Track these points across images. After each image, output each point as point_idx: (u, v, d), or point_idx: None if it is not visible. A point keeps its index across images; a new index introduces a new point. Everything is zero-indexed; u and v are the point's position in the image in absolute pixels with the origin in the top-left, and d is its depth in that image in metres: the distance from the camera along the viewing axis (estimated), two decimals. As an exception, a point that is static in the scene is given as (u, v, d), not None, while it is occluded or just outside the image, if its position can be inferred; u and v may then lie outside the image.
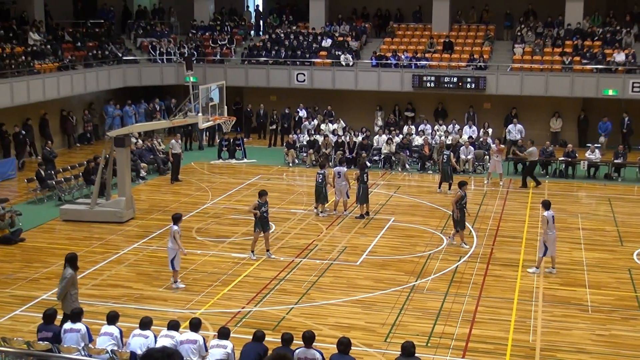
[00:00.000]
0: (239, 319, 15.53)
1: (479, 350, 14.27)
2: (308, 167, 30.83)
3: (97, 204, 22.92)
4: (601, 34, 36.31)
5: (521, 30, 37.32)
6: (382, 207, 24.63)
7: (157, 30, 40.08)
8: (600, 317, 15.89)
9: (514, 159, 30.01)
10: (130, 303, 16.38)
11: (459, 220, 20.31)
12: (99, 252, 19.91)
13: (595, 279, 18.16)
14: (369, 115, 36.18)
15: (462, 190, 20.40)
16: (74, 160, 30.41)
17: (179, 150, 28.47)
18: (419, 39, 38.48)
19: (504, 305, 16.47)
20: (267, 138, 36.22)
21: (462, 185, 20.53)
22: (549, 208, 18.48)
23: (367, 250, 20.19)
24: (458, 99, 35.33)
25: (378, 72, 35.84)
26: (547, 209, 18.44)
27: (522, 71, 34.63)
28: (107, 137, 23.78)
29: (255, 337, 12.06)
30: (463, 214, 20.43)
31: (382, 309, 16.12)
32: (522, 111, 34.58)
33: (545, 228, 18.23)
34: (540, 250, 18.47)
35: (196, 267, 18.67)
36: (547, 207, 18.49)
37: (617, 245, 20.99)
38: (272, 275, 18.11)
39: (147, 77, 37.55)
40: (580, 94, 34.11)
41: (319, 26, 39.71)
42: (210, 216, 23.50)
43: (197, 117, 23.01)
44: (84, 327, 12.31)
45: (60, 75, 32.72)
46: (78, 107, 35.25)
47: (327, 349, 12.35)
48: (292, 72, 36.67)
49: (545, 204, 18.62)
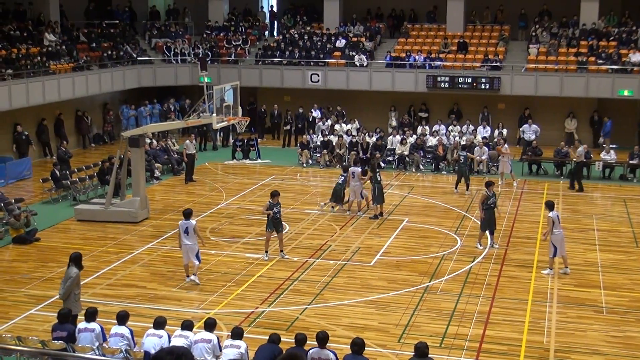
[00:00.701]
0: (253, 319, 15.55)
1: (492, 351, 14.23)
2: (322, 167, 30.83)
3: (111, 204, 23.01)
4: (617, 34, 36.11)
5: (536, 31, 37.19)
6: (396, 208, 24.60)
7: (171, 30, 40.21)
8: (615, 318, 15.81)
9: (528, 159, 29.92)
10: (145, 303, 16.43)
11: (485, 221, 20.14)
12: (113, 252, 19.99)
13: (610, 280, 18.07)
14: (382, 115, 36.15)
15: (489, 190, 20.16)
16: (88, 160, 30.56)
17: (193, 150, 28.54)
18: (433, 39, 38.41)
19: (518, 306, 16.41)
20: (281, 138, 36.25)
21: (489, 185, 20.26)
22: (553, 209, 18.40)
23: (381, 250, 20.18)
24: (472, 99, 35.23)
25: (392, 72, 35.80)
26: (551, 210, 18.37)
27: (537, 71, 34.50)
28: (122, 137, 23.83)
29: (270, 339, 12.07)
30: (491, 214, 20.19)
31: (395, 310, 16.10)
32: (536, 112, 34.45)
33: (551, 228, 18.13)
34: (550, 252, 18.39)
35: (210, 267, 18.70)
36: (551, 208, 18.42)
37: (632, 246, 20.88)
38: (285, 276, 18.12)
39: (162, 78, 37.67)
40: (595, 94, 33.94)
41: (333, 27, 39.72)
42: (225, 216, 23.54)
43: (211, 117, 23.06)
44: (98, 327, 12.36)
45: (76, 75, 32.89)
46: (93, 107, 35.42)
47: (341, 349, 12.34)
48: (306, 72, 36.69)
49: (549, 204, 18.58)
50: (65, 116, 33.17)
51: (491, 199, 20.11)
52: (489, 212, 20.10)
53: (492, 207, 20.13)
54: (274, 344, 11.96)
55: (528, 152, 30.30)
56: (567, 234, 21.75)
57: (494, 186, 20.75)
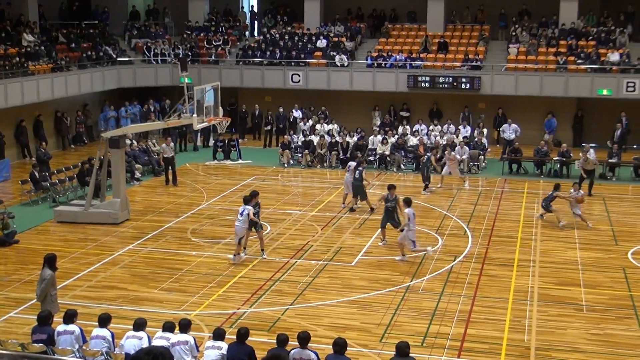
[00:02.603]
0: (234, 320, 15.51)
1: (474, 350, 14.27)
2: (303, 167, 30.82)
3: (91, 206, 22.88)
4: (595, 33, 36.37)
5: (516, 30, 37.38)
6: (377, 208, 24.61)
7: (151, 31, 40.05)
8: (595, 316, 15.91)
9: (509, 159, 30.07)
10: (126, 305, 16.35)
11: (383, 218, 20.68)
12: (94, 253, 19.87)
13: (590, 278, 18.18)
14: (364, 115, 36.18)
15: (390, 194, 20.53)
16: (68, 161, 30.38)
17: (171, 153, 28.16)
18: (413, 39, 38.50)
19: (499, 304, 16.47)
20: (262, 139, 36.22)
21: (390, 189, 20.74)
22: (409, 205, 19.06)
23: (363, 250, 20.19)
24: (453, 99, 35.35)
25: (373, 72, 35.86)
26: (408, 206, 19.03)
27: (517, 71, 34.67)
28: (101, 138, 23.70)
29: (239, 334, 12.04)
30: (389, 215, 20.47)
31: (377, 309, 16.11)
32: (516, 111, 34.59)
33: (407, 223, 18.85)
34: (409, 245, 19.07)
35: (191, 269, 18.64)
36: (409, 204, 19.10)
37: (611, 244, 21.01)
38: (267, 276, 18.09)
39: (142, 78, 37.52)
40: (574, 93, 34.16)
41: (313, 27, 39.73)
42: (206, 217, 23.48)
43: (191, 118, 22.97)
44: (77, 329, 12.27)
45: (55, 76, 32.68)
46: (72, 108, 35.20)
47: (323, 349, 12.33)
48: (287, 72, 36.67)
49: (407, 201, 19.24)
50: (44, 117, 32.94)
51: (390, 202, 20.42)
52: (386, 212, 20.53)
53: (389, 210, 20.42)
54: (244, 344, 11.93)
55: (509, 151, 30.44)
56: (547, 232, 21.95)
57: (395, 190, 20.72)
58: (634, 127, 33.36)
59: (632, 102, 33.49)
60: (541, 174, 29.52)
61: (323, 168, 30.88)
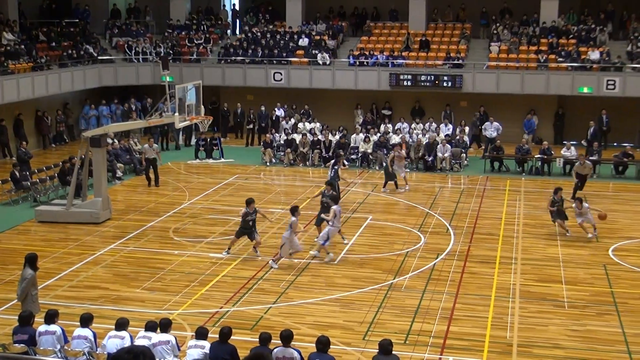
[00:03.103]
0: (217, 319, 15.49)
1: (456, 347, 14.33)
2: (285, 166, 30.81)
3: (73, 205, 22.76)
4: (576, 32, 36.59)
5: (497, 29, 37.53)
6: (359, 206, 24.67)
7: (132, 29, 39.88)
8: (576, 312, 16.01)
9: (490, 157, 30.19)
10: (108, 304, 16.28)
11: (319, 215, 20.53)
12: (76, 253, 19.77)
13: (571, 275, 18.30)
14: (347, 114, 36.22)
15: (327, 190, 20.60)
16: (49, 161, 30.20)
17: (154, 155, 27.61)
18: (395, 37, 38.57)
19: (481, 302, 16.54)
20: (244, 137, 36.17)
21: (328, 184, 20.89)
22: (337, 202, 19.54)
23: (345, 249, 20.20)
24: (435, 97, 35.45)
25: (355, 71, 35.90)
26: (335, 203, 19.55)
27: (499, 69, 34.82)
28: (82, 137, 23.57)
29: (221, 333, 12.04)
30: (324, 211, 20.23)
31: (360, 307, 16.14)
32: (498, 109, 34.73)
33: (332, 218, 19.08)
34: (322, 238, 19.16)
35: (173, 268, 18.59)
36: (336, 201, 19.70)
37: (592, 241, 21.13)
38: (250, 275, 18.08)
39: (123, 77, 37.36)
40: (555, 91, 34.36)
41: (295, 25, 39.70)
42: (188, 216, 23.42)
43: (173, 116, 22.91)
44: (59, 329, 12.21)
45: (35, 75, 32.46)
46: (53, 107, 34.99)
47: (306, 347, 12.34)
48: (269, 71, 36.63)
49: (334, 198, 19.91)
50: (24, 116, 32.72)
51: (325, 197, 20.39)
52: (322, 208, 20.46)
53: (324, 206, 20.30)
54: (227, 343, 11.93)
55: (490, 149, 30.58)
56: (529, 229, 22.06)
57: (331, 187, 20.94)
58: (614, 125, 33.59)
59: (612, 100, 33.73)
60: (523, 172, 29.66)
61: (305, 166, 30.90)
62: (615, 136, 33.98)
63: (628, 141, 33.68)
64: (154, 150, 27.67)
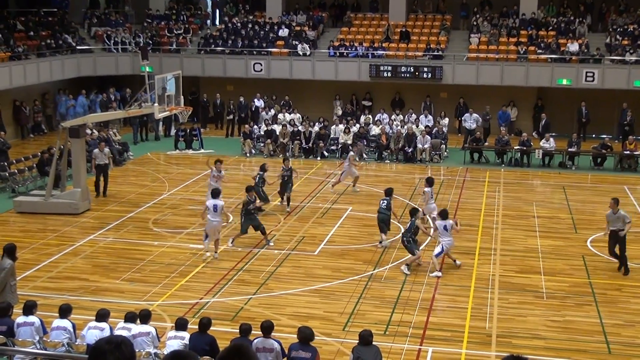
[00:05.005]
0: (197, 310, 15.46)
1: (436, 337, 14.39)
2: (265, 157, 30.72)
3: (51, 196, 22.61)
4: (555, 24, 36.75)
5: (477, 20, 37.61)
6: (339, 197, 24.68)
7: (111, 19, 39.58)
8: (555, 303, 16.13)
9: (470, 148, 30.29)
10: (87, 295, 16.21)
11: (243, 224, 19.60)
12: (54, 244, 19.66)
13: (550, 266, 18.41)
14: (327, 105, 36.18)
15: (249, 196, 19.45)
16: (27, 151, 29.96)
17: (105, 160, 24.80)
18: (375, 28, 38.55)
19: (461, 293, 16.62)
20: (224, 128, 36.05)
21: (249, 191, 19.62)
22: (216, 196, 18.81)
23: (325, 239, 20.22)
24: (415, 88, 35.48)
25: (335, 61, 35.84)
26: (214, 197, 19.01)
27: (478, 61, 34.88)
28: (61, 127, 23.39)
29: (201, 324, 12.02)
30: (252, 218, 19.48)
31: (340, 298, 16.17)
32: (478, 101, 34.82)
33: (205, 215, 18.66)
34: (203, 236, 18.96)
35: (153, 259, 18.53)
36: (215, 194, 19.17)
37: (571, 232, 21.29)
38: (230, 266, 18.05)
39: (102, 67, 37.08)
40: (535, 83, 34.49)
41: (275, 16, 39.57)
42: (168, 207, 23.33)
43: (153, 107, 22.80)
44: (37, 320, 12.13)
45: (13, 65, 32.13)
46: (31, 97, 34.69)
47: (286, 338, 12.35)
48: (249, 61, 36.50)
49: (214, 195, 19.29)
50: (2, 106, 32.41)
51: (251, 204, 19.50)
52: (247, 217, 19.45)
53: (251, 212, 19.42)
54: (206, 334, 11.92)
55: (470, 141, 30.68)
56: (508, 220, 22.18)
57: (254, 192, 20.11)
58: (592, 117, 33.78)
59: (591, 92, 33.91)
60: (502, 163, 29.79)
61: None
62: (594, 128, 34.17)
63: (607, 133, 33.88)
64: (105, 155, 24.85)
